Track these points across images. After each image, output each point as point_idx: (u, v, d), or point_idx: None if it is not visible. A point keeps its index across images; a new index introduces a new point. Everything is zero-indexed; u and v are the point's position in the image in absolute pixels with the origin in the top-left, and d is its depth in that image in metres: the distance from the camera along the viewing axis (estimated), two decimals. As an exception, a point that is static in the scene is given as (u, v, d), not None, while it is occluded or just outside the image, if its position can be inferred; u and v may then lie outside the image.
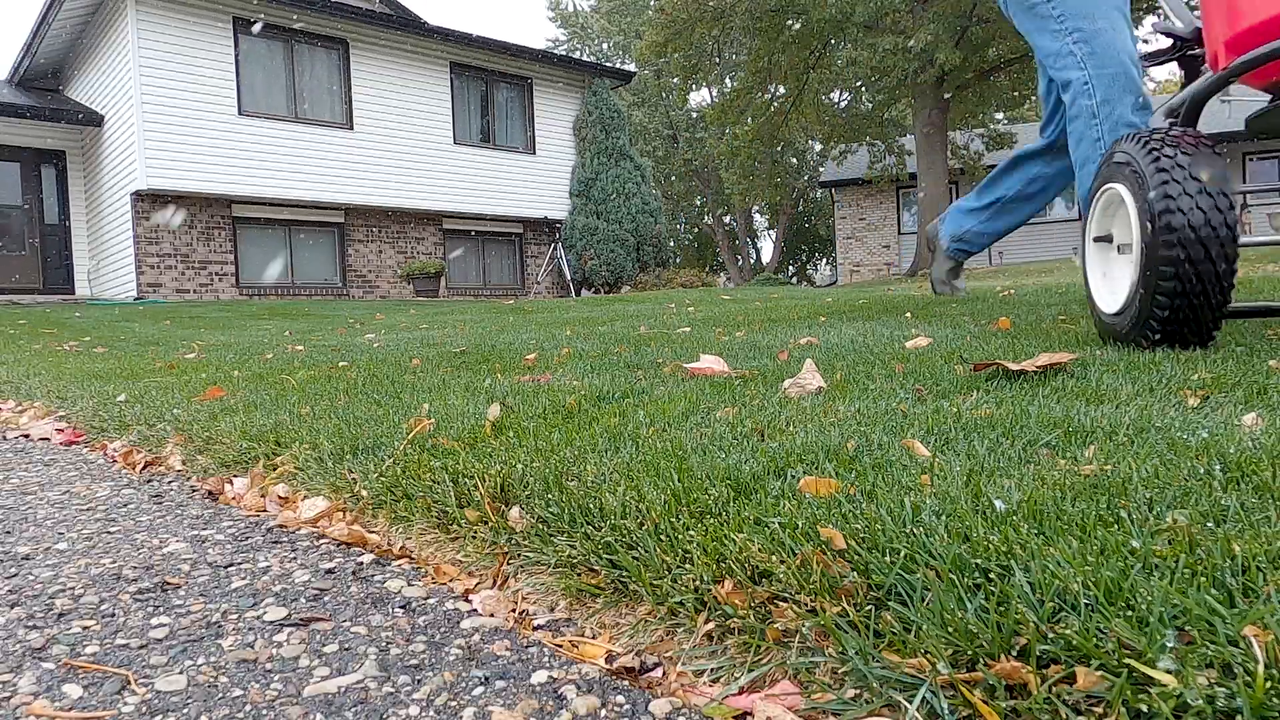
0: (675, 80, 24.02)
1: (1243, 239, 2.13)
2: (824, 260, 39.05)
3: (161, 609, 1.23)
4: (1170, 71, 41.25)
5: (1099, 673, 0.71)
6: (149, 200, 12.50)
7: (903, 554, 0.94)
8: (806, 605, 0.92)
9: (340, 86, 14.20)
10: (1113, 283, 2.52)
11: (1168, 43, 2.88)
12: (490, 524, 1.36)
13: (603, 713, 0.90)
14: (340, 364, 3.62)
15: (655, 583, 1.06)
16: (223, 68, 12.95)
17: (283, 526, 1.66)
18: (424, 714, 0.91)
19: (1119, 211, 2.41)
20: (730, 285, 28.45)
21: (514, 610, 1.18)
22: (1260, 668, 0.67)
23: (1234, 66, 2.17)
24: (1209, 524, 0.96)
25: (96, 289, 14.09)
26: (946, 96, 18.14)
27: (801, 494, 1.19)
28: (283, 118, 13.56)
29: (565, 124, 16.99)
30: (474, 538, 1.36)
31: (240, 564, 1.43)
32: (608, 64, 29.13)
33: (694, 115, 33.45)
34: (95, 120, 13.45)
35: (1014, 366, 2.17)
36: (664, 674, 0.97)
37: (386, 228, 14.93)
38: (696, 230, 38.72)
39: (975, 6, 16.43)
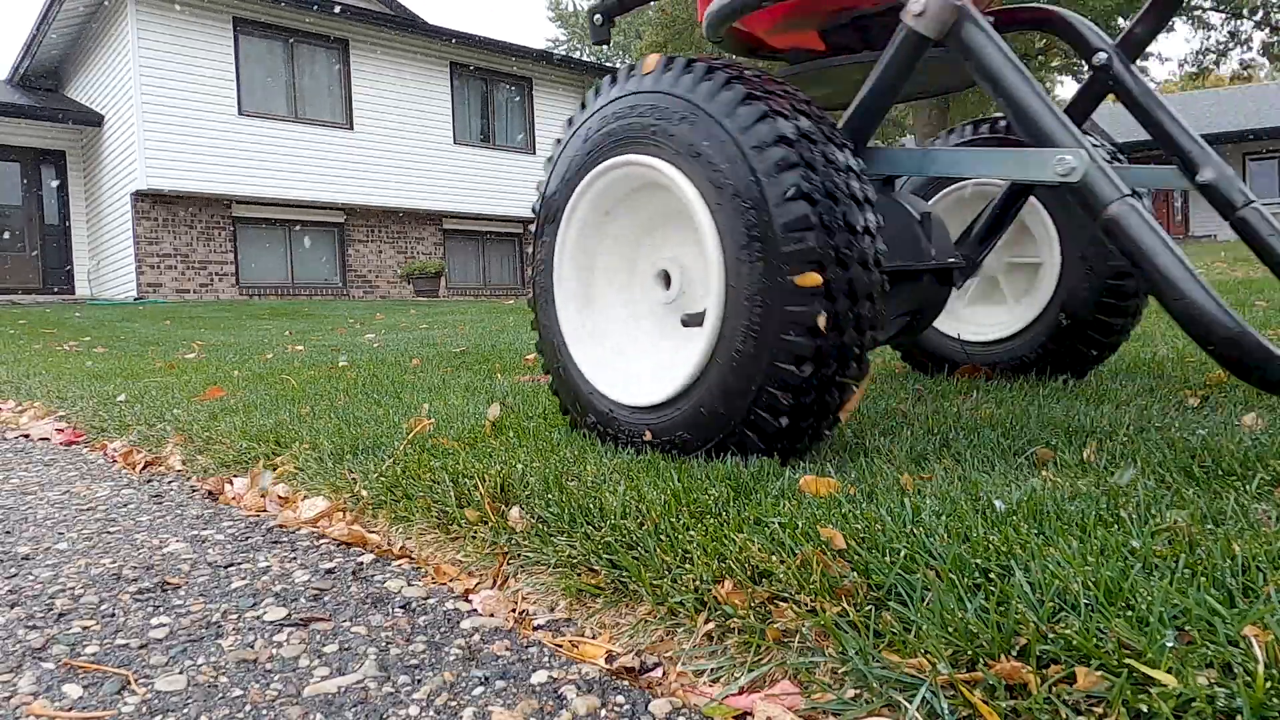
0: (675, 80, 23.97)
1: None
2: (824, 260, 39.01)
3: (161, 609, 1.23)
4: (1170, 72, 41.14)
5: (1099, 673, 0.71)
6: (149, 200, 12.50)
7: (903, 554, 0.94)
8: (806, 605, 0.92)
9: (340, 86, 14.19)
10: None
11: None
12: (490, 524, 1.36)
13: (603, 713, 0.90)
14: (340, 364, 3.62)
15: (655, 583, 1.06)
16: (222, 68, 12.95)
17: (283, 526, 1.66)
18: (424, 714, 0.91)
19: None
20: (730, 285, 28.35)
21: (514, 610, 1.18)
22: (1260, 668, 0.67)
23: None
24: (1209, 524, 0.96)
25: (96, 289, 14.08)
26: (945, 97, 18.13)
27: (801, 494, 1.19)
28: (283, 118, 13.56)
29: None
30: (474, 538, 1.36)
31: (240, 564, 1.43)
32: (608, 64, 29.11)
33: (694, 115, 33.39)
34: (95, 120, 13.45)
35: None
36: (664, 674, 0.97)
37: (386, 228, 14.93)
38: (696, 230, 38.70)
39: (975, 6, 16.41)
